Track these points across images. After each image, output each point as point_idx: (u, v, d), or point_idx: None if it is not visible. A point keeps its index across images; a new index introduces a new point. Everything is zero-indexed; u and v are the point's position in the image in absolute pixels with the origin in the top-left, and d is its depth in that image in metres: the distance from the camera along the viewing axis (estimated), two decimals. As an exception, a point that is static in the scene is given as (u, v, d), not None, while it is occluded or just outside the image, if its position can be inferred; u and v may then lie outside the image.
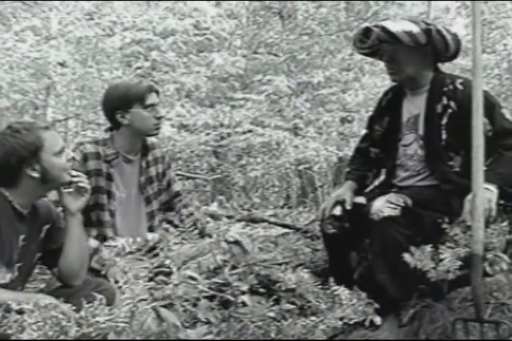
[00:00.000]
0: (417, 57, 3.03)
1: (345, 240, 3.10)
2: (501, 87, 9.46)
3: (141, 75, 9.89)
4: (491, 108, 2.80)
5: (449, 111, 2.97)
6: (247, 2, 13.12)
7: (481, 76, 2.46)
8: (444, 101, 2.99)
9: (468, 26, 14.43)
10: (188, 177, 10.35)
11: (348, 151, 8.76)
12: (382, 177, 3.34)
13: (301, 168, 11.30)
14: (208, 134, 10.20)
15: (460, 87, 2.98)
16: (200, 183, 11.78)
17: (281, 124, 10.79)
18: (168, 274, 1.96)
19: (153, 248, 2.36)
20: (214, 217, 3.45)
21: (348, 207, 3.08)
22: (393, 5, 11.25)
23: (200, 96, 11.01)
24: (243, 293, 2.15)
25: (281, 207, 9.77)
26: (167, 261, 1.96)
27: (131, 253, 2.34)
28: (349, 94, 10.06)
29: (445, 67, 10.18)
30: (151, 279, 1.93)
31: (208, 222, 3.27)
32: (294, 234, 4.93)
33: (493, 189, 2.66)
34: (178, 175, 8.29)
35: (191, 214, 3.34)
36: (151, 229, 3.23)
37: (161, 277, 1.96)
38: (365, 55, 3.32)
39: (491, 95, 2.98)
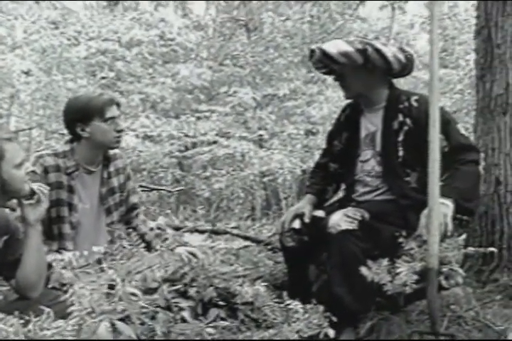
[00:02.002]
0: (363, 75, 3.05)
1: (304, 253, 3.11)
2: (463, 102, 9.62)
3: (106, 85, 9.86)
4: (446, 124, 2.85)
5: (405, 128, 3.00)
6: (214, 14, 13.18)
7: (438, 92, 2.50)
8: (400, 118, 3.03)
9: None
10: (152, 189, 10.30)
11: (312, 164, 8.83)
12: (342, 192, 3.36)
13: (265, 179, 11.34)
14: (172, 144, 10.19)
15: (415, 104, 3.02)
16: (164, 195, 11.75)
17: (246, 136, 10.83)
18: (113, 288, 1.95)
19: (100, 261, 2.34)
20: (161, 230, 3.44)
21: (307, 221, 3.09)
22: (357, 20, 11.38)
23: (165, 108, 11.01)
24: (181, 309, 2.15)
25: (245, 219, 9.78)
26: (113, 275, 1.95)
27: (82, 266, 2.32)
28: (314, 107, 10.14)
29: (408, 82, 10.33)
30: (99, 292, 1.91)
31: (158, 236, 3.27)
32: (256, 247, 4.95)
33: (449, 203, 2.70)
34: (141, 186, 8.26)
35: (151, 229, 3.33)
36: (111, 240, 3.21)
37: (107, 290, 1.94)
38: (324, 74, 3.36)
39: (446, 111, 3.01)
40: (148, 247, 3.08)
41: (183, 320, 2.24)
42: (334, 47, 3.01)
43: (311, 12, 10.84)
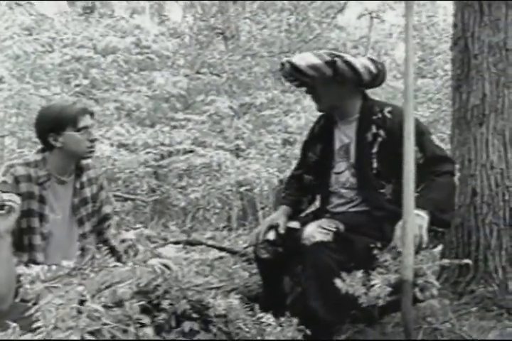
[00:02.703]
0: (334, 87, 3.06)
1: (278, 265, 3.11)
2: (440, 112, 9.70)
3: (81, 93, 9.81)
4: (421, 135, 2.86)
5: (379, 139, 3.02)
6: (191, 21, 13.19)
7: (413, 102, 2.52)
8: (374, 129, 3.05)
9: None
10: (127, 199, 10.25)
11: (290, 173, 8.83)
12: (317, 203, 3.38)
13: (242, 189, 11.31)
14: (147, 153, 10.15)
15: (388, 115, 3.04)
16: (139, 204, 11.69)
17: (222, 145, 10.82)
18: (82, 303, 1.93)
19: (70, 275, 2.33)
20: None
21: (282, 232, 3.09)
22: (335, 29, 11.44)
23: (140, 116, 10.97)
24: (143, 325, 2.13)
25: (221, 230, 9.76)
26: (81, 289, 1.94)
27: (50, 280, 2.30)
28: (291, 116, 10.16)
29: (386, 92, 10.39)
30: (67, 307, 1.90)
31: (131, 247, 3.26)
32: (231, 258, 4.95)
33: (424, 215, 2.71)
34: (116, 196, 8.22)
35: (123, 240, 3.31)
36: (82, 252, 3.19)
37: (74, 305, 1.93)
38: (296, 86, 3.38)
39: (420, 122, 3.03)
40: (120, 259, 3.06)
41: (158, 332, 2.23)
42: (303, 60, 3.04)
43: (288, 20, 10.89)
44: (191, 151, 10.72)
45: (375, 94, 12.61)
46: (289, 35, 11.23)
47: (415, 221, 2.61)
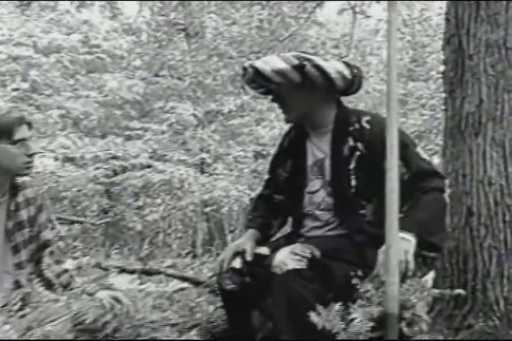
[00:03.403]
0: (303, 94, 3.07)
1: (246, 297, 3.11)
2: (434, 121, 9.79)
3: (19, 98, 9.77)
4: (405, 147, 2.87)
5: (357, 153, 3.04)
6: (148, 16, 13.20)
7: (397, 110, 2.55)
8: (351, 142, 3.06)
9: (402, 49, 14.94)
10: (74, 222, 10.19)
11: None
12: (289, 227, 3.38)
13: (207, 210, 11.32)
14: (97, 168, 10.12)
15: (367, 125, 3.05)
16: (88, 228, 11.63)
17: (185, 159, 10.83)
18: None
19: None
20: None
21: (249, 259, 3.10)
22: (314, 25, 11.52)
23: (89, 125, 10.95)
24: None
25: (184, 256, 9.74)
26: (7, 328, 1.93)
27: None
28: (263, 125, 10.21)
29: (373, 97, 10.46)
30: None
31: (73, 278, 3.24)
32: (194, 289, 4.94)
33: (411, 238, 2.72)
34: (60, 218, 8.16)
35: (65, 270, 3.29)
36: (17, 285, 3.16)
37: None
38: (262, 94, 3.40)
39: (403, 132, 3.02)
40: (56, 292, 3.04)
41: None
42: (267, 64, 3.05)
43: (260, 16, 10.94)
44: (149, 166, 10.73)
45: (359, 99, 12.75)
46: (261, 33, 11.27)
47: (400, 245, 2.62)
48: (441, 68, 4.31)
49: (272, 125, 10.16)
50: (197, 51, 11.93)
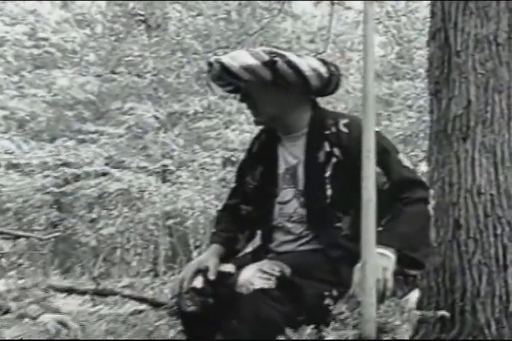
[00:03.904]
0: (275, 94, 3.07)
1: (208, 319, 3.12)
2: (421, 123, 9.84)
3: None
4: (385, 154, 2.88)
5: (333, 160, 3.04)
6: (103, 5, 13.17)
7: (374, 114, 2.57)
8: (327, 147, 3.06)
9: (388, 45, 15.02)
10: (19, 236, 10.13)
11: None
12: (257, 241, 3.38)
13: (170, 223, 11.30)
14: (46, 176, 10.08)
15: (344, 129, 3.05)
16: (35, 243, 11.56)
17: (145, 166, 10.81)
18: None
19: None
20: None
21: (212, 278, 3.10)
22: (288, 17, 11.55)
23: (36, 128, 10.91)
24: None
25: (144, 275, 9.72)
26: None
27: None
28: (233, 129, 10.22)
29: (355, 97, 10.53)
30: None
31: (15, 300, 3.24)
32: (154, 311, 4.94)
33: (390, 254, 2.72)
34: (3, 233, 8.11)
35: (8, 291, 3.29)
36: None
37: None
38: (229, 92, 3.40)
39: (384, 137, 3.03)
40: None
41: None
42: (235, 59, 3.05)
43: (228, 6, 10.96)
44: (104, 174, 10.69)
45: (339, 100, 12.80)
46: (229, 26, 11.29)
47: (378, 262, 2.63)
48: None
49: (242, 128, 10.18)
50: (158, 45, 11.91)
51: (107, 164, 10.83)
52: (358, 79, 12.67)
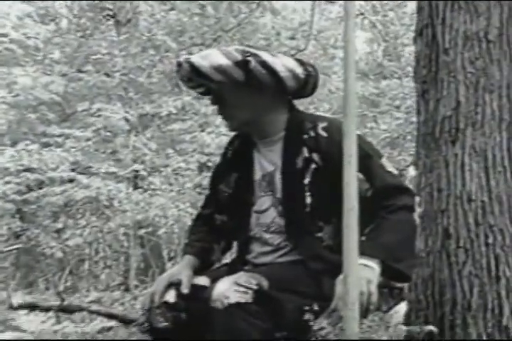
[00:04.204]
0: (248, 96, 3.07)
1: (181, 336, 3.12)
2: (409, 125, 9.88)
3: None
4: (367, 159, 2.89)
5: (312, 166, 3.04)
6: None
7: (355, 116, 2.58)
8: (305, 153, 3.06)
9: (374, 41, 15.07)
10: (-23, 247, 10.12)
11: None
12: (233, 252, 3.38)
13: (142, 232, 11.29)
14: (7, 183, 10.05)
15: (323, 133, 3.05)
16: (-4, 255, 11.56)
17: (114, 172, 10.80)
18: None
19: None
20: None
21: (185, 291, 3.11)
22: (267, 13, 11.57)
23: (-4, 131, 10.89)
24: None
25: (113, 289, 9.71)
26: None
27: None
28: (209, 131, 10.23)
29: (339, 97, 10.58)
30: None
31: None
32: (124, 328, 4.94)
33: (374, 265, 2.72)
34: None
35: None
36: None
37: None
38: (201, 94, 3.40)
39: (366, 141, 3.02)
40: None
41: None
42: (205, 59, 3.05)
43: (203, 0, 10.96)
44: (71, 180, 10.67)
45: (322, 100, 12.85)
46: (205, 21, 11.28)
47: (361, 274, 2.64)
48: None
49: (219, 131, 10.18)
50: (128, 42, 11.91)
51: (73, 170, 10.80)
52: (342, 78, 12.69)
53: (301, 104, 3.38)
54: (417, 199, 3.06)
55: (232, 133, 3.50)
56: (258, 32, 11.74)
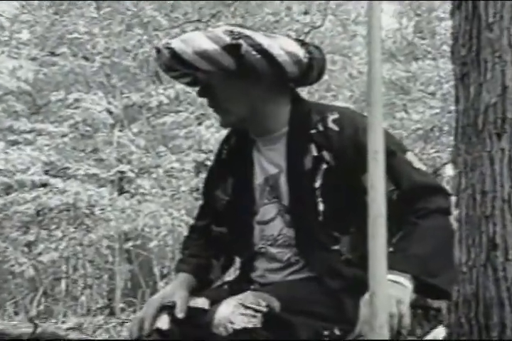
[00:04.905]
0: (244, 86, 3.04)
1: (176, 368, 3.13)
2: (446, 115, 9.86)
3: None
4: (390, 156, 2.76)
5: (323, 166, 2.99)
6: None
7: (381, 105, 2.55)
8: (314, 151, 3.03)
9: (404, 15, 15.05)
10: None
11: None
12: (236, 269, 3.37)
13: (129, 245, 11.31)
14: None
15: (334, 126, 3.01)
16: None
17: (96, 173, 10.82)
18: None
19: None
20: None
21: (180, 316, 3.10)
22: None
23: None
24: None
25: (95, 314, 9.73)
26: None
27: None
28: (207, 125, 10.24)
29: (362, 82, 10.57)
30: None
31: None
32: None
33: (405, 281, 2.69)
34: None
35: None
36: None
37: None
38: (187, 85, 3.35)
39: (389, 134, 2.99)
40: None
41: None
42: (188, 44, 2.97)
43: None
44: (44, 185, 10.70)
45: (342, 87, 12.82)
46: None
47: (390, 292, 2.64)
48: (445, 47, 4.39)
49: (218, 125, 10.20)
50: (111, 19, 11.92)
51: (46, 172, 10.84)
52: (366, 59, 12.70)
53: (316, 92, 3.36)
54: (453, 199, 3.02)
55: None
56: (265, 6, 11.70)
